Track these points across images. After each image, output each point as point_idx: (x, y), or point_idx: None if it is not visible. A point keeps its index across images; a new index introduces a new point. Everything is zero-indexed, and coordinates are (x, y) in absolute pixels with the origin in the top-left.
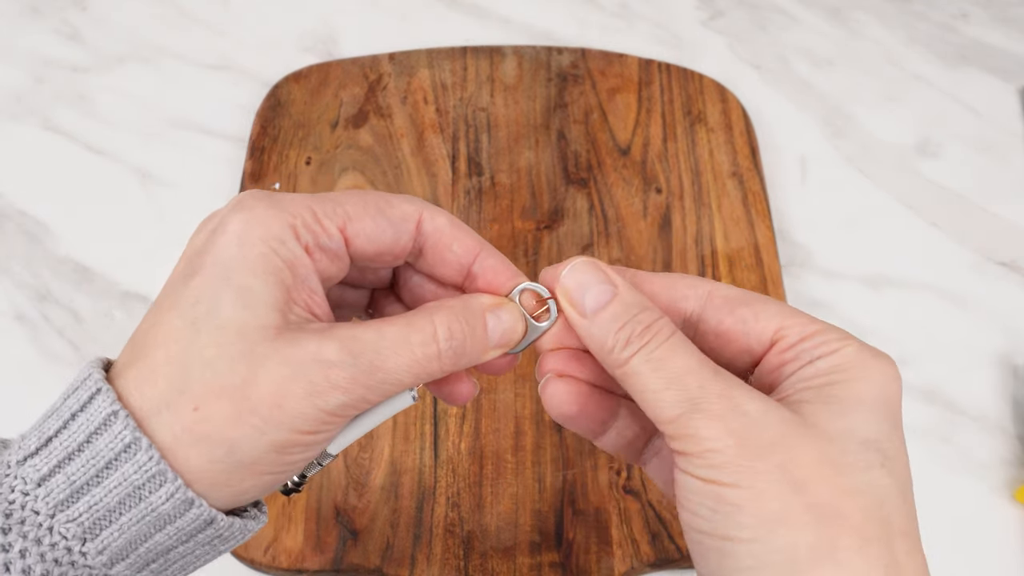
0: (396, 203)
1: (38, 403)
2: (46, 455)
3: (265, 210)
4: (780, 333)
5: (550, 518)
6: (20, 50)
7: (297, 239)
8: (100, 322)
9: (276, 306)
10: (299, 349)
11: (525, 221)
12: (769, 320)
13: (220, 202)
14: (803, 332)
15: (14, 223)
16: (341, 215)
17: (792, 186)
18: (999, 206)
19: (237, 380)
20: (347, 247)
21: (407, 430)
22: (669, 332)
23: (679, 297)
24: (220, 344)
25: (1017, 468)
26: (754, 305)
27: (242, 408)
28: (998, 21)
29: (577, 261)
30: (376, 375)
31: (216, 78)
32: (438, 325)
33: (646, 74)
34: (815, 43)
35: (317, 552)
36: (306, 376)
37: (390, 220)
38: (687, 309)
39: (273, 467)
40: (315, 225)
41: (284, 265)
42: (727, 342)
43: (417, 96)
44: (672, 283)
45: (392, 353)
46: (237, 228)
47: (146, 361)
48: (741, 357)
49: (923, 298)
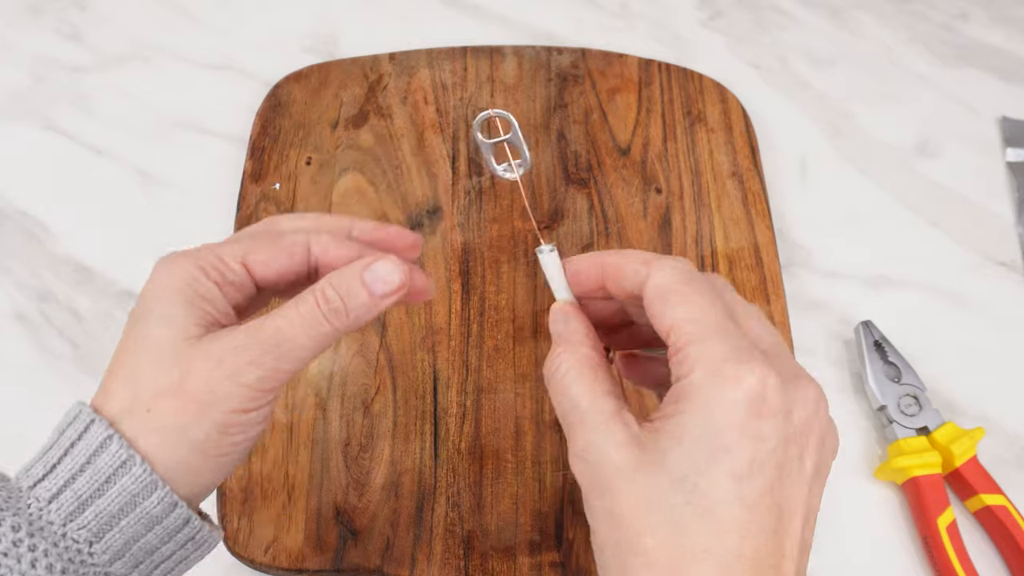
0: (287, 234)
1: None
2: (54, 478)
3: (182, 260)
4: (669, 339)
5: (550, 518)
6: (20, 50)
7: (207, 277)
8: (100, 322)
9: (196, 323)
10: (217, 344)
11: (525, 221)
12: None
13: (220, 202)
14: (678, 342)
15: (14, 223)
16: (241, 252)
17: (792, 186)
18: (999, 206)
19: (175, 380)
20: (251, 276)
21: (407, 430)
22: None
23: (624, 281)
24: (156, 357)
25: None
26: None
27: (184, 400)
28: (998, 21)
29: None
30: (281, 346)
31: (216, 78)
32: (317, 291)
33: (646, 74)
34: (815, 43)
35: (317, 552)
36: (225, 362)
37: (281, 248)
38: (631, 290)
39: (221, 448)
40: (220, 264)
41: (199, 296)
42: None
43: (417, 96)
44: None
45: (287, 324)
46: (160, 275)
47: (110, 387)
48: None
49: (923, 298)
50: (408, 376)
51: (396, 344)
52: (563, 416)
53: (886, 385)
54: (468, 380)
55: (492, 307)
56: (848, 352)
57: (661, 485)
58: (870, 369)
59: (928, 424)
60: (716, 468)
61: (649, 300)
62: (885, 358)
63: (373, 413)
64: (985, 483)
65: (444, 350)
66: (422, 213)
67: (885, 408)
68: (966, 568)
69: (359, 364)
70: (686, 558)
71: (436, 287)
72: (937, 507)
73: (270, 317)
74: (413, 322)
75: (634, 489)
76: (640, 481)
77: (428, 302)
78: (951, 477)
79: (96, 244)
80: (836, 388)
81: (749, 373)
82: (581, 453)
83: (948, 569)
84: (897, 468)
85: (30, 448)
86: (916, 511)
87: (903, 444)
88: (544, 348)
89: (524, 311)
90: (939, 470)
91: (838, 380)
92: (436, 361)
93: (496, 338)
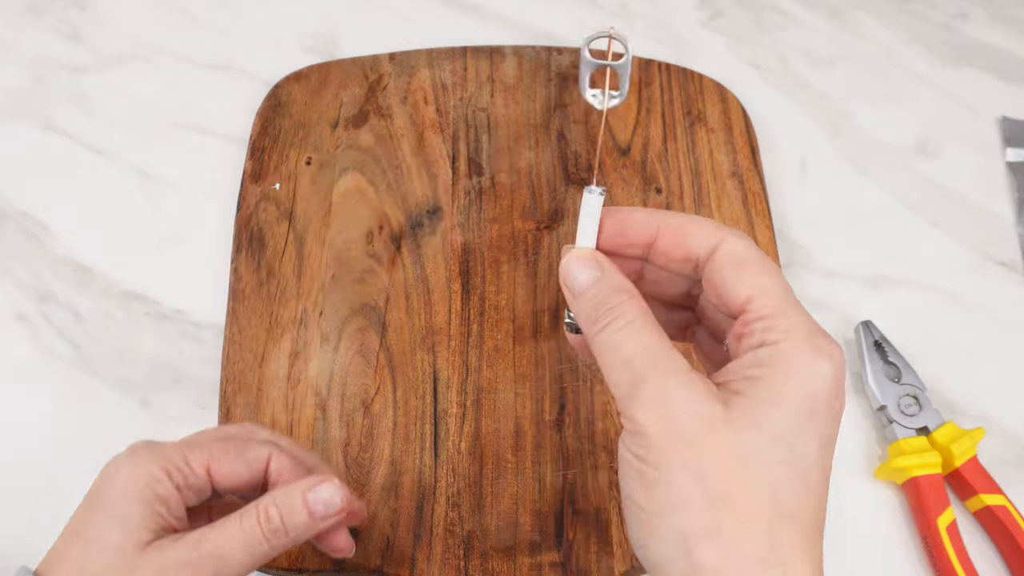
0: (253, 446)
1: (38, 403)
2: None
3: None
4: (746, 305)
5: (550, 518)
6: (20, 50)
7: (170, 479)
8: (100, 322)
9: (148, 527)
10: (162, 555)
11: (525, 221)
12: (745, 288)
13: (220, 202)
14: (761, 311)
15: (14, 223)
16: (207, 458)
17: (792, 186)
18: (999, 206)
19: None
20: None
21: (407, 430)
22: (631, 316)
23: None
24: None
25: None
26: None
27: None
28: (998, 21)
29: (574, 251)
30: (221, 560)
31: (216, 78)
32: (260, 509)
33: (646, 74)
34: (815, 43)
35: (317, 552)
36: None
37: (246, 461)
38: (697, 254)
39: None
40: (185, 467)
41: (157, 499)
42: (717, 292)
43: (417, 96)
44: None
45: (227, 540)
46: (124, 471)
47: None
48: (724, 308)
49: (923, 298)
50: (408, 376)
51: (396, 344)
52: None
53: (886, 385)
54: (468, 380)
55: (492, 307)
56: (848, 352)
57: (756, 442)
58: (870, 369)
59: (928, 424)
60: (808, 432)
61: (721, 265)
62: (885, 358)
63: (373, 413)
64: (985, 483)
65: (444, 350)
66: (422, 213)
67: (885, 408)
68: (966, 568)
69: (359, 364)
70: (779, 517)
71: (436, 287)
72: (937, 507)
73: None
74: (413, 322)
75: (725, 444)
76: (732, 437)
77: (428, 302)
78: (951, 477)
79: (96, 244)
80: None
81: (837, 350)
82: (653, 402)
83: (948, 569)
84: (897, 468)
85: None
86: (916, 511)
87: (903, 444)
88: (544, 348)
89: (524, 311)
90: (939, 470)
91: None
92: (436, 361)
93: (496, 338)
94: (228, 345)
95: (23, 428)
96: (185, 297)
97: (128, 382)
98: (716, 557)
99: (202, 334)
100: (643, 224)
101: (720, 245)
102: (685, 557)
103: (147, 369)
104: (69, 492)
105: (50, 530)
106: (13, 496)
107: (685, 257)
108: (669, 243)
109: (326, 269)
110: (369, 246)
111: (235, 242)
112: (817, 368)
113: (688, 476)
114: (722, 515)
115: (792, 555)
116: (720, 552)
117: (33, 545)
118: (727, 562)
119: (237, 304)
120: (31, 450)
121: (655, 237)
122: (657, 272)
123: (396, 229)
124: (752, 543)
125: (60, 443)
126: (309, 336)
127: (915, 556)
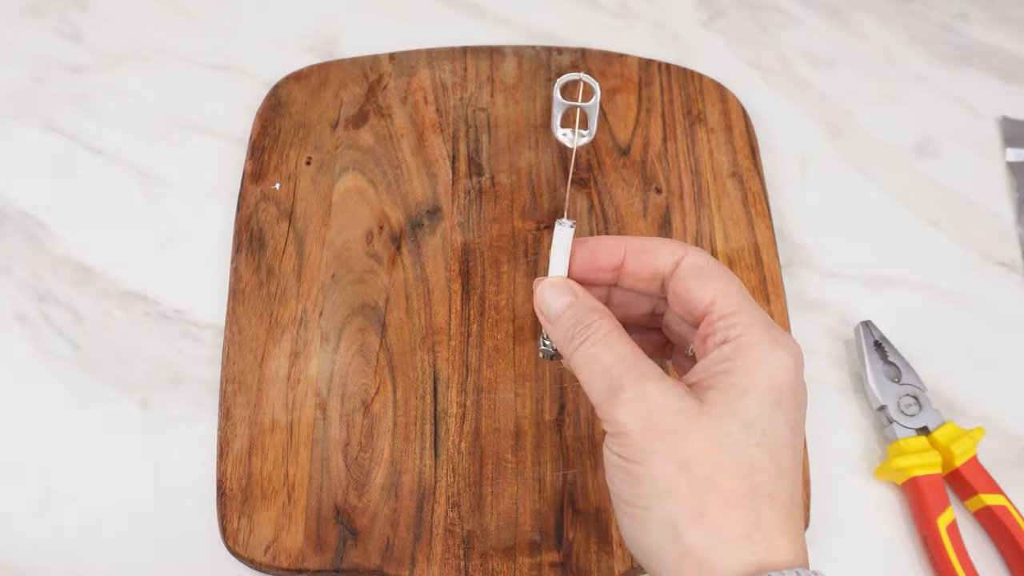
0: None
1: (38, 403)
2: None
3: None
4: (711, 307)
5: (550, 518)
6: (20, 50)
7: None
8: (100, 322)
9: None
10: None
11: (525, 221)
12: (708, 292)
13: (220, 202)
14: (724, 310)
15: (14, 223)
16: None
17: (792, 186)
18: (999, 206)
19: None
20: None
21: (407, 430)
22: (606, 331)
23: (658, 263)
24: None
25: None
26: (706, 276)
27: None
28: (998, 21)
29: (547, 280)
30: None
31: (216, 78)
32: None
33: (646, 74)
34: (815, 43)
35: (317, 552)
36: None
37: None
38: (664, 271)
39: None
40: None
41: None
42: (681, 301)
43: (417, 96)
44: (654, 249)
45: None
46: None
47: None
48: (689, 316)
49: (923, 298)
50: (408, 376)
51: (396, 344)
52: (606, 372)
53: (886, 385)
54: (468, 380)
55: (492, 307)
56: (848, 352)
57: (731, 428)
58: (870, 369)
59: (928, 424)
60: (778, 417)
61: (686, 275)
62: (885, 358)
63: (373, 413)
64: (985, 483)
65: (444, 350)
66: (422, 213)
67: (885, 408)
68: (966, 568)
69: (359, 364)
70: (758, 497)
71: (436, 287)
72: (937, 507)
73: None
74: (413, 322)
75: (704, 431)
76: (708, 425)
77: (428, 302)
78: (951, 477)
79: (96, 244)
80: (836, 388)
81: (794, 344)
82: (633, 402)
83: (948, 569)
84: (897, 468)
85: (29, 448)
86: (916, 511)
87: (903, 444)
88: None
89: (524, 311)
90: (939, 470)
91: (838, 380)
92: (436, 361)
93: (496, 338)
94: (228, 345)
95: (23, 428)
96: (185, 297)
97: (128, 382)
98: (705, 539)
99: (202, 334)
100: (612, 248)
101: (683, 259)
102: (675, 543)
103: (147, 369)
104: (69, 492)
105: (50, 530)
106: (13, 496)
107: (652, 275)
108: (636, 263)
109: (326, 269)
110: (369, 246)
111: (235, 242)
112: (779, 359)
113: (671, 464)
114: (706, 498)
115: (773, 532)
116: (708, 534)
117: (33, 545)
118: (716, 543)
119: (237, 304)
120: (31, 450)
121: (623, 259)
122: (624, 295)
123: (396, 229)
124: (738, 523)
125: (60, 443)
126: (309, 336)
127: (915, 556)
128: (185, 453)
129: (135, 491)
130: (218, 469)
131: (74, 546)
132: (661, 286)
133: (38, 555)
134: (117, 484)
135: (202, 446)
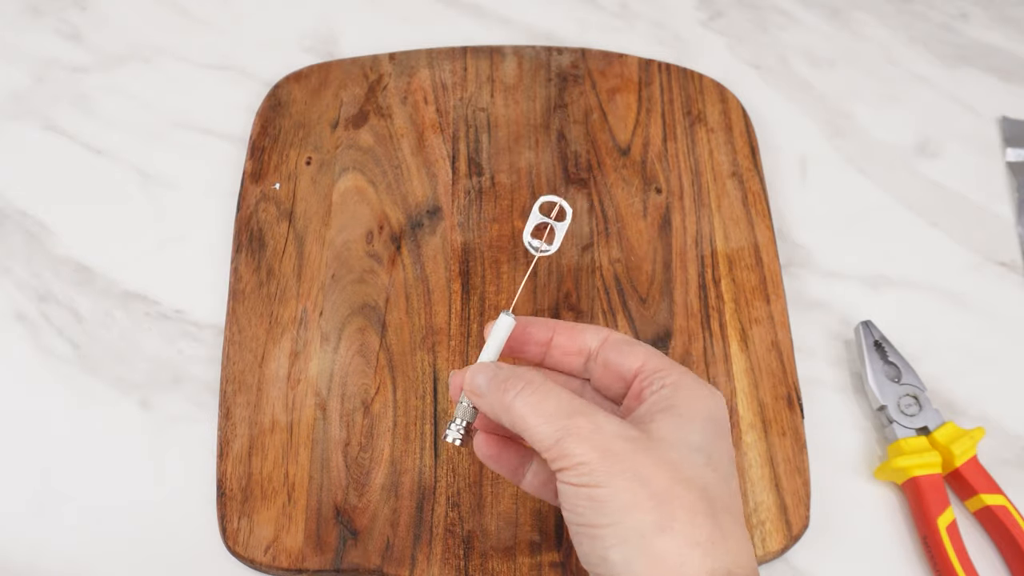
0: None
1: (38, 403)
2: None
3: None
4: (642, 368)
5: (550, 518)
6: (20, 50)
7: None
8: (100, 322)
9: None
10: None
11: (525, 221)
12: (639, 356)
13: (220, 202)
14: (656, 368)
15: (14, 223)
16: None
17: (792, 186)
18: (999, 206)
19: None
20: None
21: (407, 430)
22: (539, 381)
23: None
24: None
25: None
26: (633, 345)
27: None
28: (998, 21)
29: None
30: None
31: (216, 78)
32: None
33: (646, 74)
34: (815, 43)
35: (317, 552)
36: None
37: None
38: (590, 347)
39: None
40: None
41: None
42: (610, 371)
43: (417, 96)
44: (582, 329)
45: None
46: None
47: None
48: (618, 383)
49: (923, 298)
50: (408, 376)
51: (396, 344)
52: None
53: (886, 385)
54: None
55: (492, 307)
56: (848, 352)
57: (681, 452)
58: (870, 369)
59: (928, 424)
60: (721, 444)
61: (616, 346)
62: (885, 358)
63: (373, 413)
64: (985, 483)
65: (444, 350)
66: (422, 213)
67: (885, 408)
68: (966, 568)
69: (359, 364)
70: (718, 510)
71: (436, 287)
72: (937, 507)
73: None
74: (413, 322)
75: (656, 454)
76: (660, 449)
77: (428, 302)
78: (951, 477)
79: (96, 244)
80: (836, 388)
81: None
82: (590, 435)
83: (948, 569)
84: (897, 468)
85: (29, 448)
86: (916, 511)
87: (903, 444)
88: None
89: (524, 311)
90: (939, 470)
91: (838, 380)
92: (436, 361)
93: None
94: (228, 345)
95: (23, 428)
96: (185, 297)
97: (128, 382)
98: (676, 545)
99: (202, 334)
100: (542, 326)
101: (609, 336)
102: (646, 552)
103: (147, 369)
104: (69, 492)
105: (50, 529)
106: (13, 496)
107: (579, 350)
108: (565, 338)
109: (326, 269)
110: (369, 246)
111: (235, 242)
112: (714, 397)
113: (632, 481)
114: (672, 508)
115: (734, 543)
116: (679, 540)
117: (33, 545)
118: (688, 548)
119: (237, 304)
120: (31, 450)
121: (552, 337)
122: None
123: (396, 229)
124: (704, 530)
125: (60, 443)
126: (309, 336)
127: (915, 556)
128: (185, 453)
129: (135, 491)
130: (218, 469)
131: (74, 546)
132: (584, 364)
133: (38, 555)
134: (117, 484)
135: (202, 446)
